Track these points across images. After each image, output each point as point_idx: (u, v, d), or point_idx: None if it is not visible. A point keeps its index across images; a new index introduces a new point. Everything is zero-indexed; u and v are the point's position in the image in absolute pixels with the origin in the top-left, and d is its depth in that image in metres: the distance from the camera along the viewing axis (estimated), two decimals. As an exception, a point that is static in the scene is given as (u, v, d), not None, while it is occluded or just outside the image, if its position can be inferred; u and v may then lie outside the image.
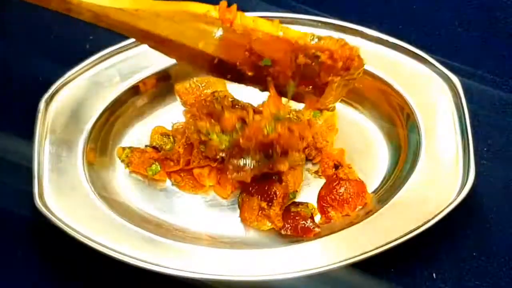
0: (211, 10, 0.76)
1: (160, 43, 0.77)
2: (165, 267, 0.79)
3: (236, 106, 0.84)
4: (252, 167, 0.81)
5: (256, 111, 0.82)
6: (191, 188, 0.90)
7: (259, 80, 0.79)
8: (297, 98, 0.81)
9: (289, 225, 0.85)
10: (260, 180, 0.85)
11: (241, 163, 0.81)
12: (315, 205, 0.89)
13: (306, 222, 0.85)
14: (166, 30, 0.75)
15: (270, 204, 0.85)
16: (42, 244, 0.87)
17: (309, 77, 0.77)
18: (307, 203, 0.88)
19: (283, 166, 0.82)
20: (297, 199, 0.89)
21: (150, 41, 0.78)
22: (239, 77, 0.80)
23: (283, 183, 0.86)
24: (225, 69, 0.79)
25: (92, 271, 0.85)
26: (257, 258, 0.82)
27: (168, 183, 0.91)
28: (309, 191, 0.90)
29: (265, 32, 0.76)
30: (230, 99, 0.86)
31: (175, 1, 0.76)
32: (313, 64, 0.76)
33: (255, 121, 0.79)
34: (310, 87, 0.78)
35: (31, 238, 0.88)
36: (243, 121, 0.81)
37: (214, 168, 0.88)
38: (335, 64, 0.75)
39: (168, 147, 0.90)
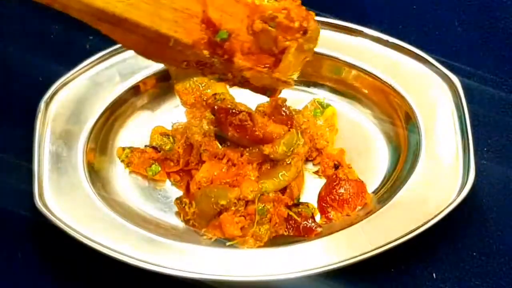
0: None
1: (115, 25, 0.74)
2: (165, 267, 0.79)
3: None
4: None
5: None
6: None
7: (213, 66, 0.76)
8: (258, 89, 0.79)
9: (290, 226, 0.85)
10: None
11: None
12: (315, 205, 0.89)
13: (308, 222, 0.85)
14: (122, 4, 0.72)
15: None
16: (42, 244, 0.87)
17: (266, 48, 0.75)
18: (307, 203, 0.88)
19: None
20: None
21: (105, 23, 0.74)
22: (197, 63, 0.77)
23: (288, 190, 0.87)
24: (181, 54, 0.76)
25: (92, 271, 0.85)
26: (257, 258, 0.81)
27: (168, 183, 0.91)
28: (309, 191, 0.90)
29: None
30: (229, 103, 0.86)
31: None
32: (270, 28, 0.73)
33: None
34: (267, 65, 0.75)
35: (31, 238, 0.87)
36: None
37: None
38: (291, 25, 0.73)
39: (167, 147, 0.90)
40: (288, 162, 0.86)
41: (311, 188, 0.90)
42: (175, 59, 0.77)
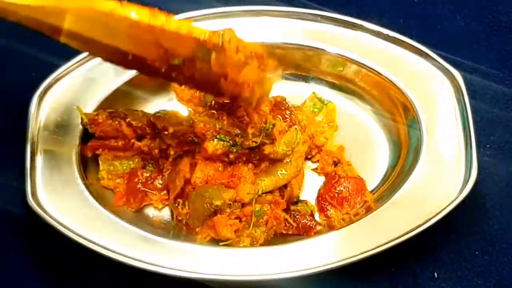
0: (118, 9, 0.75)
1: (72, 38, 0.76)
2: (162, 267, 0.78)
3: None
4: None
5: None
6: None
7: (171, 77, 0.80)
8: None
9: (290, 225, 0.85)
10: None
11: None
12: (314, 203, 0.88)
13: (307, 220, 0.84)
14: (75, 26, 0.75)
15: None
16: (34, 243, 0.86)
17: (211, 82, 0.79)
18: (305, 200, 0.87)
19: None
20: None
21: (62, 36, 0.76)
22: (155, 73, 0.79)
23: (289, 188, 0.86)
24: (141, 65, 0.78)
25: (85, 270, 0.84)
26: (255, 257, 0.80)
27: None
28: (308, 189, 0.89)
29: (171, 30, 0.76)
30: None
31: None
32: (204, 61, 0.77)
33: None
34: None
35: (24, 236, 0.87)
36: None
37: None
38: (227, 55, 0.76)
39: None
40: (288, 160, 0.85)
41: (310, 186, 0.90)
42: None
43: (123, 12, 0.75)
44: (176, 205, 0.84)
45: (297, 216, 0.85)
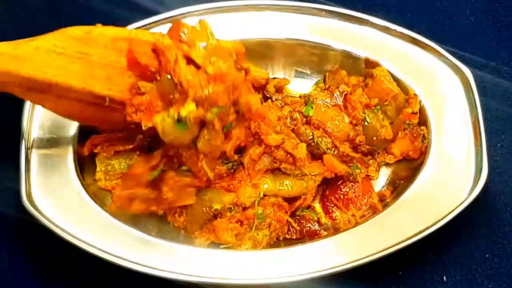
0: (92, 29, 0.74)
1: (45, 92, 0.74)
2: (161, 270, 0.77)
3: None
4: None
5: None
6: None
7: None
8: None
9: (294, 229, 0.84)
10: None
11: None
12: (319, 204, 0.87)
13: (312, 225, 0.84)
14: (51, 69, 0.72)
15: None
16: (29, 244, 0.85)
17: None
18: (313, 206, 0.86)
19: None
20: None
21: (34, 93, 0.74)
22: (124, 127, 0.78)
23: (302, 197, 0.84)
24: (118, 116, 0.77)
25: (81, 272, 0.84)
26: (258, 260, 0.79)
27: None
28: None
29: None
30: None
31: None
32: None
33: None
34: None
35: (18, 238, 0.86)
36: None
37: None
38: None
39: None
40: (298, 174, 0.83)
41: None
42: (113, 122, 0.79)
43: (97, 31, 0.74)
44: (174, 212, 0.83)
45: (302, 221, 0.84)
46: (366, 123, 0.85)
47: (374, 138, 0.86)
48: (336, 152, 0.84)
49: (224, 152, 0.78)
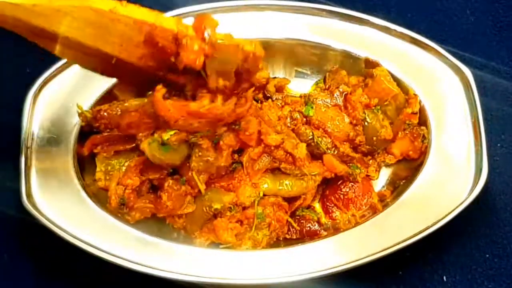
0: (118, 7, 0.73)
1: (57, 43, 0.74)
2: (161, 270, 0.77)
3: None
4: None
5: None
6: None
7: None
8: None
9: (294, 229, 0.84)
10: None
11: None
12: (319, 204, 0.87)
13: (312, 225, 0.84)
14: (65, 27, 0.72)
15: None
16: (29, 244, 0.85)
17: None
18: (313, 206, 0.86)
19: None
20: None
21: (46, 39, 0.74)
22: (132, 77, 0.79)
23: (302, 197, 0.84)
24: (122, 70, 0.77)
25: (81, 272, 0.83)
26: (258, 260, 0.79)
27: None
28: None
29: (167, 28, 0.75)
30: None
31: None
32: None
33: None
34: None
35: (18, 238, 0.86)
36: None
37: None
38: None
39: None
40: (299, 174, 0.83)
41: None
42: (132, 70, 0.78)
43: (123, 10, 0.73)
44: (173, 215, 0.83)
45: (302, 221, 0.84)
46: (366, 123, 0.85)
47: (374, 138, 0.86)
48: (336, 152, 0.84)
49: (221, 167, 0.80)
